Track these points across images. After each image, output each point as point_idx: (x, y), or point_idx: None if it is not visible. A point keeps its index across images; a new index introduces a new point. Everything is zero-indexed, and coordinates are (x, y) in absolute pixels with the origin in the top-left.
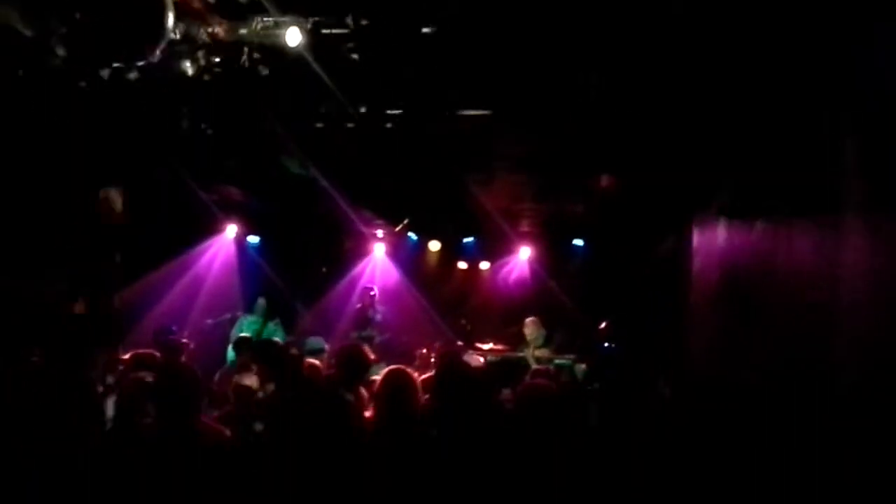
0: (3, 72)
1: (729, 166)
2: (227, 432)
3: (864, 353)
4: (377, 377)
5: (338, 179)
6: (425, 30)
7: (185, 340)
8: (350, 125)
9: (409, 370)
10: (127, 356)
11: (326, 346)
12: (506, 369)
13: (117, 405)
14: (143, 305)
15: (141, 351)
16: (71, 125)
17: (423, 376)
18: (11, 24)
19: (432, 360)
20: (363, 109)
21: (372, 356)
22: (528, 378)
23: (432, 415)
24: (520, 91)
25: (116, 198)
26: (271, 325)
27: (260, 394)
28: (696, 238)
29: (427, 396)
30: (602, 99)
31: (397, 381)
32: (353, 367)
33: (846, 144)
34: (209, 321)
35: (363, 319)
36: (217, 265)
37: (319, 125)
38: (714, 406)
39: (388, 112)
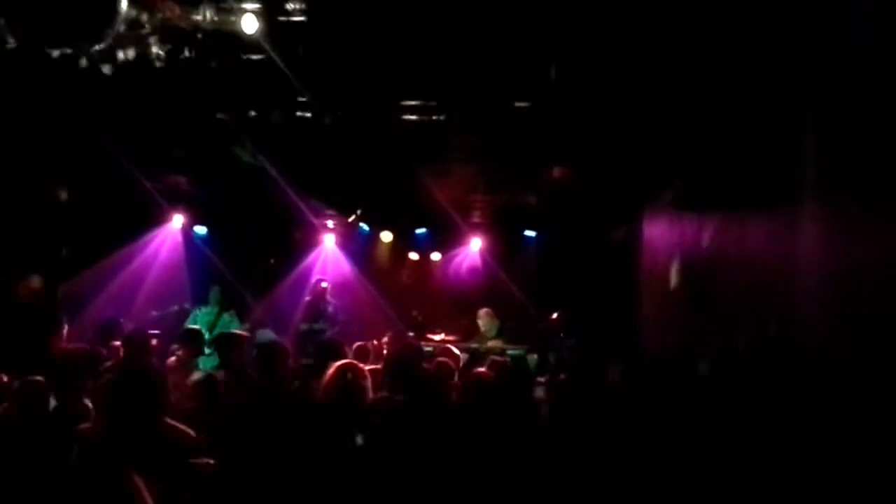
0: None
1: (679, 159)
2: (192, 433)
3: (820, 338)
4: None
5: (289, 169)
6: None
7: (151, 333)
8: (302, 115)
9: (358, 364)
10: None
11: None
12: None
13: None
14: (86, 296)
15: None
16: (20, 111)
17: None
18: None
19: (384, 352)
20: (316, 99)
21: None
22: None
23: (383, 406)
24: (472, 82)
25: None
26: (226, 316)
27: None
28: (647, 229)
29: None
30: (555, 90)
31: (347, 374)
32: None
33: (802, 134)
34: (154, 313)
35: (314, 311)
36: (163, 256)
37: (272, 114)
38: (666, 393)
39: (341, 101)
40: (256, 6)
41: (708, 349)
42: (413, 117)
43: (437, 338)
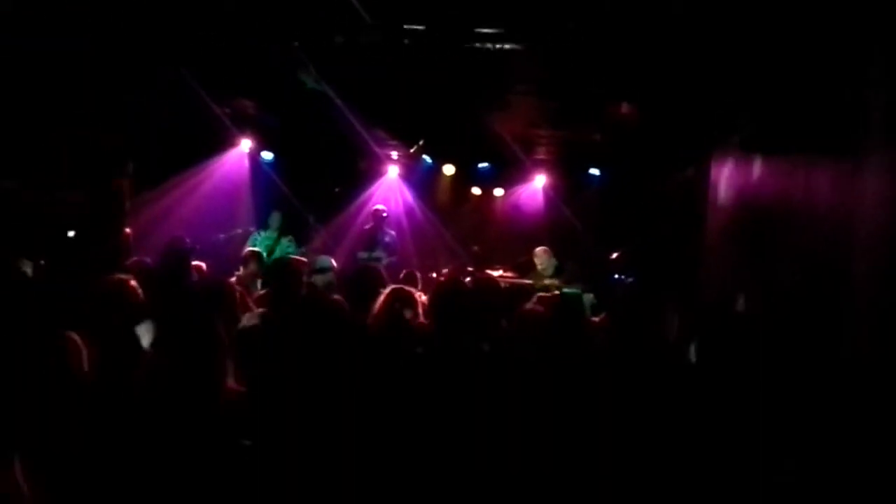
0: None
1: (750, 99)
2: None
3: (881, 289)
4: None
5: (353, 98)
6: None
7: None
8: (367, 41)
9: (410, 289)
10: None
11: (334, 264)
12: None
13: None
14: (154, 218)
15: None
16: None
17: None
18: None
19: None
20: (381, 25)
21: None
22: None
23: (426, 334)
24: (539, 14)
25: None
26: (285, 241)
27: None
28: (714, 170)
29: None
30: (624, 25)
31: (397, 297)
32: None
33: (869, 81)
34: (221, 236)
35: (372, 240)
36: (230, 179)
37: (337, 40)
38: (724, 339)
39: (407, 28)
40: None
41: (762, 295)
42: (479, 45)
43: (495, 273)
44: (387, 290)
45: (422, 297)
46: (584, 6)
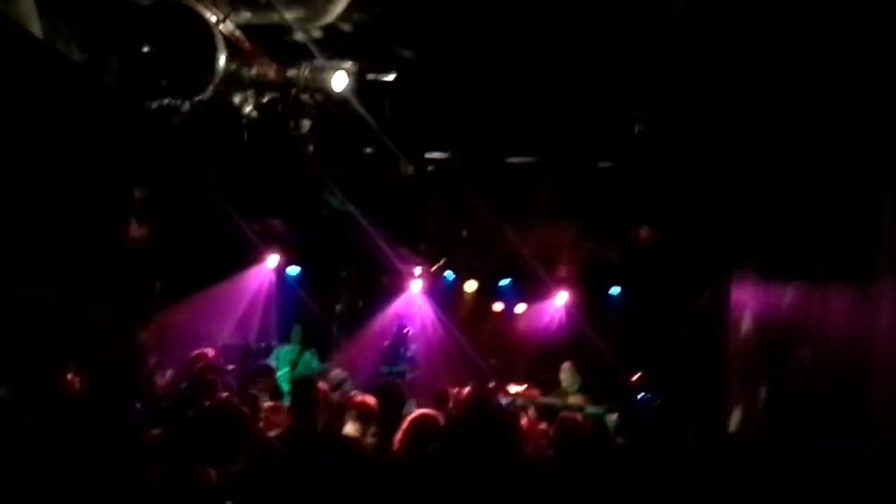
0: (55, 95)
1: (766, 226)
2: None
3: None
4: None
5: (378, 217)
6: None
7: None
8: (392, 167)
9: (435, 415)
10: None
11: (347, 378)
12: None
13: None
14: (179, 329)
15: None
16: (121, 150)
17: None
18: (64, 51)
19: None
20: (406, 152)
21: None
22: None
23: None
24: (563, 139)
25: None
26: (307, 355)
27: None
28: (734, 294)
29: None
30: (645, 151)
31: (424, 426)
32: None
33: (882, 208)
34: (246, 347)
35: (395, 354)
36: (256, 294)
37: (363, 164)
38: (739, 463)
39: (431, 156)
40: (347, 65)
41: (784, 426)
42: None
43: (518, 389)
44: (411, 418)
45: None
46: (607, 136)
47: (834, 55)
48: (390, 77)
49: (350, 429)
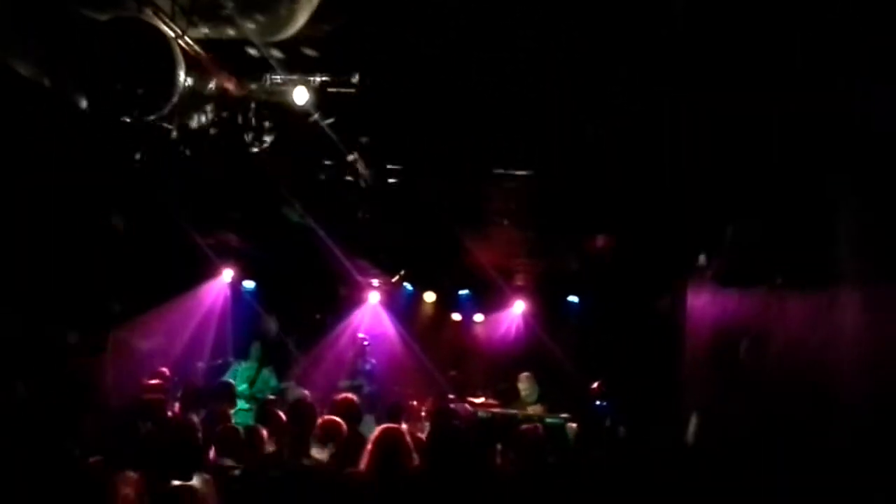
0: (27, 120)
1: (721, 233)
2: None
3: (859, 424)
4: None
5: (336, 230)
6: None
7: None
8: (350, 179)
9: (400, 430)
10: None
11: (306, 394)
12: (498, 427)
13: None
14: (135, 346)
15: None
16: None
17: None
18: (30, 77)
19: (423, 413)
20: (365, 165)
21: None
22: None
23: (425, 476)
24: (518, 149)
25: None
26: (265, 372)
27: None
28: (690, 300)
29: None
30: (600, 157)
31: (390, 443)
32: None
33: (842, 216)
34: (200, 364)
35: (353, 368)
36: (211, 309)
37: (321, 178)
38: (702, 466)
39: (390, 167)
40: (308, 79)
41: (743, 428)
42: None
43: (477, 401)
44: (375, 435)
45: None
46: (562, 143)
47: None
48: (350, 90)
49: (315, 451)
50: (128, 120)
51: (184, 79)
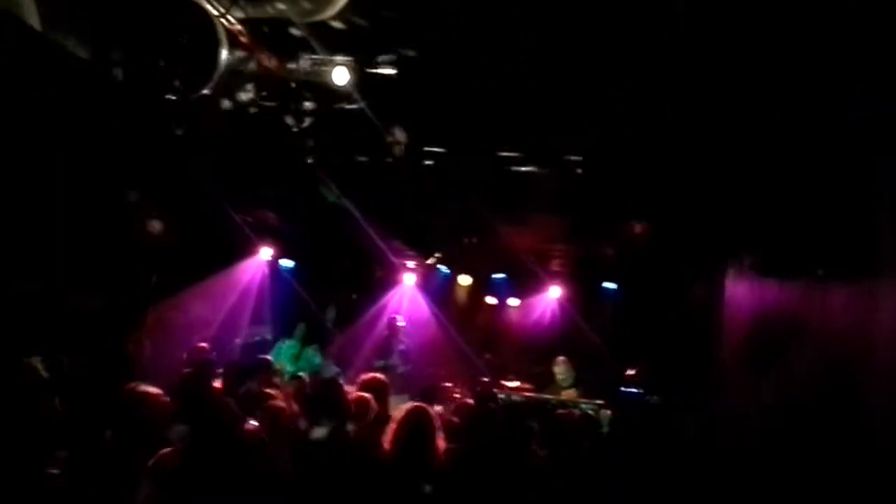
0: (54, 89)
1: (760, 222)
2: None
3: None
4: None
5: (373, 211)
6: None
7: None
8: (388, 160)
9: (427, 410)
10: None
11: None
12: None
13: None
14: (173, 321)
15: None
16: (118, 145)
17: (446, 417)
18: (69, 49)
19: (456, 395)
20: (403, 146)
21: None
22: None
23: (459, 459)
24: (558, 134)
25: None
26: (310, 351)
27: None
28: (728, 289)
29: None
30: (640, 145)
31: (414, 422)
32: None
33: (883, 206)
34: (237, 341)
35: (388, 348)
36: (249, 286)
37: (359, 159)
38: (741, 454)
39: (427, 149)
40: (348, 59)
41: (779, 423)
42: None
43: (511, 385)
44: (401, 415)
45: (439, 410)
46: (601, 130)
47: (830, 47)
48: (390, 71)
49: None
50: (170, 97)
51: (226, 57)
